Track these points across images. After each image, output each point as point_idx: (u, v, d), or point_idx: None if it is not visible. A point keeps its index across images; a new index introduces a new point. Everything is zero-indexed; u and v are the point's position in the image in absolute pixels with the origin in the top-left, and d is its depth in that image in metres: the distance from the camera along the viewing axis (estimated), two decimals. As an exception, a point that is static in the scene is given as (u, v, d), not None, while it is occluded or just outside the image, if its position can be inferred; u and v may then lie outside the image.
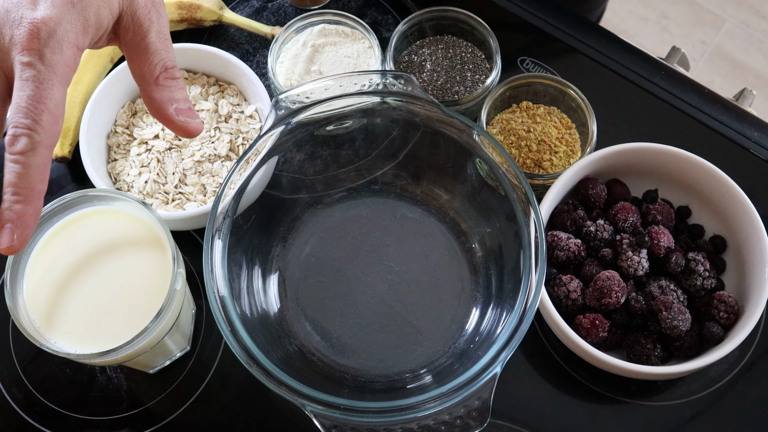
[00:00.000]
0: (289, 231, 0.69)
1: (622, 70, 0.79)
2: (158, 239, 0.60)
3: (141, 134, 0.73)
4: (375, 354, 0.65)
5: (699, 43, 1.75)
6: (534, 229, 0.59)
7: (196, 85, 0.75)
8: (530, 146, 0.71)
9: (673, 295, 0.66)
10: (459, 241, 0.69)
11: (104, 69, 0.76)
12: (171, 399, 0.67)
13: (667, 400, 0.67)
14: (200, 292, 0.71)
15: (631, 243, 0.66)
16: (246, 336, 0.56)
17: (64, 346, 0.57)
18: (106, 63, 0.76)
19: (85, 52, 0.74)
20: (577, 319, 0.64)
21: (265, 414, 0.67)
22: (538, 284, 0.57)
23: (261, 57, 0.81)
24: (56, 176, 0.75)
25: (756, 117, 0.79)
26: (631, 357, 0.65)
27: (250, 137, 0.73)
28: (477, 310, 0.66)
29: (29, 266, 0.58)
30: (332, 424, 0.54)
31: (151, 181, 0.70)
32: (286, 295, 0.67)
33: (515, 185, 0.61)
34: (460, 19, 0.75)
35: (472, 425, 0.54)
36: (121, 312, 0.58)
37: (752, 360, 0.68)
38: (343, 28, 0.75)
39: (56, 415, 0.67)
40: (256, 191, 0.66)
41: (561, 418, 0.67)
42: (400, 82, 0.64)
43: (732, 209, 0.67)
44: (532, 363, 0.68)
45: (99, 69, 0.76)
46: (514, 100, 0.74)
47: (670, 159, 0.68)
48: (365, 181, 0.71)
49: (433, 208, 0.70)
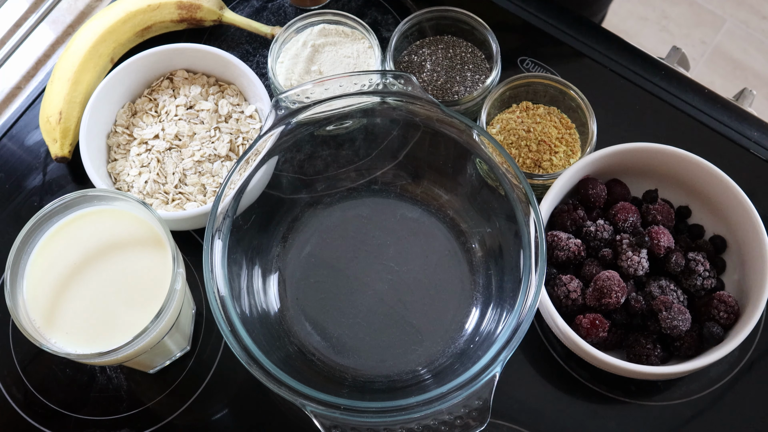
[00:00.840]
0: (289, 231, 0.69)
1: (622, 70, 0.79)
2: (158, 239, 0.60)
3: (141, 134, 0.73)
4: (375, 354, 0.65)
5: (699, 43, 1.75)
6: (534, 229, 0.59)
7: (196, 85, 0.75)
8: (530, 146, 0.71)
9: (673, 295, 0.66)
10: (459, 241, 0.69)
11: (104, 69, 0.76)
12: (171, 399, 0.67)
13: (667, 400, 0.67)
14: (200, 292, 0.71)
15: (631, 243, 0.66)
16: (246, 336, 0.56)
17: (64, 346, 0.57)
18: (106, 63, 0.76)
19: (85, 51, 0.74)
20: (577, 319, 0.64)
21: (265, 414, 0.67)
22: (538, 284, 0.57)
23: (261, 57, 0.81)
24: (56, 176, 0.75)
25: (756, 117, 0.79)
26: (631, 357, 0.65)
27: (250, 137, 0.73)
28: (477, 310, 0.66)
29: (29, 266, 0.59)
30: (332, 424, 0.54)
31: (151, 181, 0.70)
32: (286, 295, 0.67)
33: (515, 185, 0.61)
34: (460, 19, 0.75)
35: (472, 425, 0.54)
36: (121, 312, 0.58)
37: (752, 360, 0.68)
38: (343, 28, 0.75)
39: (56, 415, 0.67)
40: (256, 191, 0.66)
41: (561, 418, 0.67)
42: (400, 82, 0.64)
43: (732, 209, 0.67)
44: (532, 363, 0.68)
45: (99, 69, 0.76)
46: (514, 100, 0.74)
47: (670, 159, 0.68)
48: (365, 181, 0.71)
49: (433, 208, 0.70)
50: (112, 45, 0.76)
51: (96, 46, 0.75)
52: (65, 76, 0.74)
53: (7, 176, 0.76)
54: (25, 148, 0.77)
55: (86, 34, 0.76)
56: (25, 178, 0.76)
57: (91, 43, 0.75)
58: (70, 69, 0.74)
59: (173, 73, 0.76)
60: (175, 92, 0.75)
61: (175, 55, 0.75)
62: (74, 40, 0.76)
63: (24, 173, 0.76)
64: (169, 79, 0.76)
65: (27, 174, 0.76)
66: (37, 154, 0.76)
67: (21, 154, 0.77)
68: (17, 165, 0.76)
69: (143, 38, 0.79)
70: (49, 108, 0.73)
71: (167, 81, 0.76)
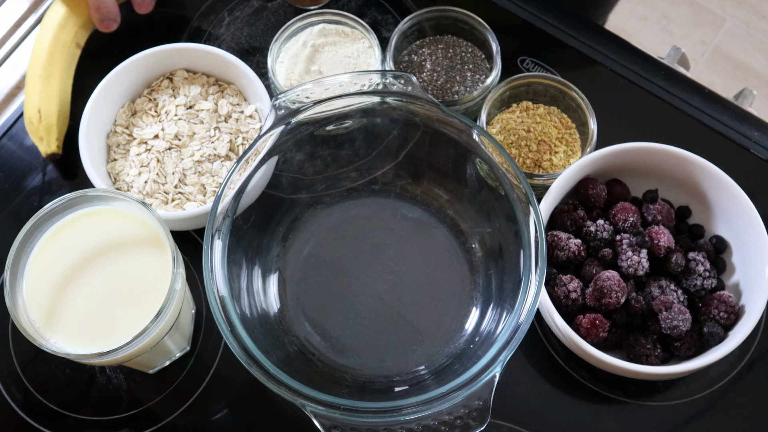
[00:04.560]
0: (289, 231, 0.69)
1: (622, 70, 0.79)
2: (158, 239, 0.60)
3: (141, 134, 0.73)
4: (375, 354, 0.65)
5: (699, 43, 1.75)
6: (534, 228, 0.59)
7: (195, 85, 0.75)
8: (530, 146, 0.71)
9: (673, 295, 0.65)
10: (459, 241, 0.69)
11: (73, 56, 0.76)
12: (171, 399, 0.67)
13: (667, 400, 0.67)
14: (200, 292, 0.71)
15: (631, 243, 0.66)
16: (246, 336, 0.56)
17: (63, 346, 0.57)
18: (73, 49, 0.76)
19: (49, 44, 0.74)
20: (577, 319, 0.64)
21: (265, 414, 0.67)
22: (538, 284, 0.57)
23: (261, 57, 0.81)
24: (55, 176, 0.75)
25: (756, 117, 0.79)
26: (631, 357, 0.65)
27: (250, 137, 0.73)
28: (477, 310, 0.66)
29: (29, 266, 0.58)
30: (332, 424, 0.54)
31: (150, 181, 0.70)
32: (286, 295, 0.67)
33: (515, 185, 0.61)
34: (460, 18, 0.75)
35: (473, 425, 0.54)
36: (121, 312, 0.58)
37: (752, 360, 0.68)
38: (342, 27, 0.75)
39: (56, 415, 0.67)
40: (256, 191, 0.66)
41: (561, 418, 0.67)
42: (400, 82, 0.64)
43: (732, 209, 0.67)
44: (532, 363, 0.68)
45: (67, 57, 0.75)
46: (514, 100, 0.74)
47: (670, 159, 0.68)
48: (365, 181, 0.71)
49: (433, 208, 0.70)
50: (72, 30, 0.76)
51: (57, 36, 0.75)
52: (36, 74, 0.74)
53: (6, 176, 0.76)
54: (24, 148, 0.77)
55: (45, 26, 0.75)
56: (24, 178, 0.75)
57: (52, 35, 0.75)
58: (39, 66, 0.74)
59: (173, 72, 0.76)
60: (175, 92, 0.75)
61: (174, 54, 0.75)
62: (37, 35, 0.75)
63: (23, 173, 0.76)
64: (168, 79, 0.76)
65: (26, 174, 0.76)
66: (37, 153, 0.76)
67: (20, 154, 0.77)
68: (17, 165, 0.76)
69: None
70: (29, 109, 0.73)
71: (167, 81, 0.76)
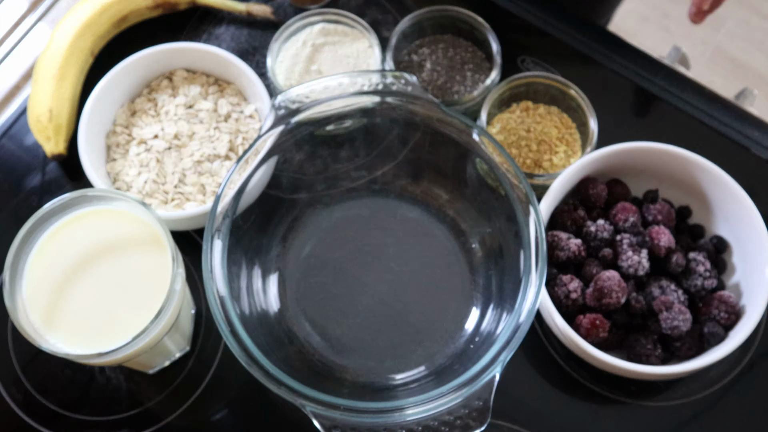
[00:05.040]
0: (289, 231, 0.69)
1: (623, 69, 0.79)
2: (158, 239, 0.59)
3: (140, 134, 0.73)
4: (375, 354, 0.65)
5: (699, 43, 1.75)
6: (534, 228, 0.59)
7: (195, 85, 0.75)
8: (530, 146, 0.71)
9: (674, 295, 0.65)
10: (459, 241, 0.69)
11: (85, 63, 0.76)
12: (171, 399, 0.67)
13: (668, 400, 0.67)
14: (200, 293, 0.71)
15: (632, 243, 0.66)
16: (246, 336, 0.56)
17: (63, 347, 0.57)
18: (87, 57, 0.76)
19: (66, 47, 0.74)
20: (577, 319, 0.64)
21: (265, 414, 0.67)
22: (538, 284, 0.57)
23: (261, 57, 0.81)
24: (55, 176, 0.75)
25: (757, 117, 0.78)
26: (632, 357, 0.65)
27: (250, 137, 0.73)
28: (477, 310, 0.66)
29: (28, 266, 0.58)
30: (332, 425, 0.54)
31: (150, 180, 0.70)
32: (286, 295, 0.67)
33: (515, 185, 0.61)
34: (460, 18, 0.75)
35: (473, 425, 0.54)
36: (121, 312, 0.58)
37: (753, 360, 0.68)
38: (342, 27, 0.75)
39: (55, 415, 0.67)
40: (256, 191, 0.66)
41: (561, 418, 0.67)
42: (401, 82, 0.64)
43: (733, 209, 0.67)
44: (532, 363, 0.68)
45: (81, 64, 0.76)
46: (514, 99, 0.74)
47: (671, 159, 0.68)
48: (365, 181, 0.71)
49: (433, 208, 0.70)
50: (90, 39, 0.76)
51: (76, 41, 0.75)
52: (50, 74, 0.74)
53: (6, 176, 0.76)
54: (24, 148, 0.77)
55: (64, 29, 0.75)
56: (24, 178, 0.75)
57: (71, 39, 0.75)
58: (54, 66, 0.74)
59: (172, 72, 0.76)
60: (175, 92, 0.75)
61: (174, 54, 0.75)
62: (53, 37, 0.75)
63: (23, 173, 0.76)
64: (168, 79, 0.76)
65: (26, 174, 0.76)
66: (36, 153, 0.76)
67: (20, 153, 0.77)
68: (16, 165, 0.76)
69: (120, 29, 0.79)
70: (38, 107, 0.73)
71: (166, 80, 0.75)
